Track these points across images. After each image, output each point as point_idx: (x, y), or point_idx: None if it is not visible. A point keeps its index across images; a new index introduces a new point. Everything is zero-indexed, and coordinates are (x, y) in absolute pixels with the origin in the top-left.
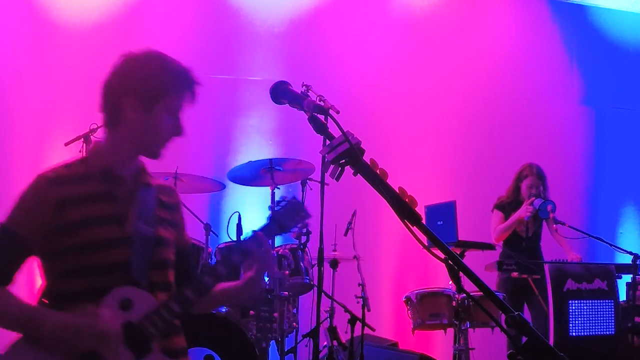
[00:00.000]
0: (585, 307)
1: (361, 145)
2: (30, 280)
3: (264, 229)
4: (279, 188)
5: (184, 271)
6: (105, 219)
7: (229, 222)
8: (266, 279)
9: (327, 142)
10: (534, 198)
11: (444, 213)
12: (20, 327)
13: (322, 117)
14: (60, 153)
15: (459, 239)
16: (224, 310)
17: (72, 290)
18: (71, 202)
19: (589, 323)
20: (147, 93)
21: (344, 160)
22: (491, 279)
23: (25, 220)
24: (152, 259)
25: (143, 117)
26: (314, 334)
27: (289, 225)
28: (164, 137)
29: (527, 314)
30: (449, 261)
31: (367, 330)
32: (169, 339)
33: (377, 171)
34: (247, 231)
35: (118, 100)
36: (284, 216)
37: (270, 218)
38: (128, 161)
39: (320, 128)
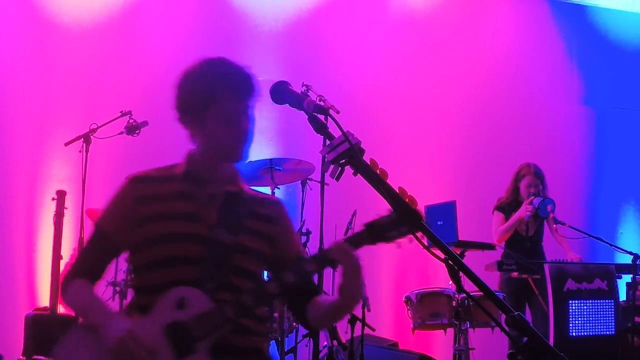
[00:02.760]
0: (585, 307)
1: (361, 145)
2: (31, 289)
3: (351, 238)
4: (279, 188)
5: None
6: (180, 215)
7: None
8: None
9: (327, 142)
10: (533, 197)
11: (444, 213)
12: (83, 317)
13: (322, 117)
14: (61, 153)
15: (459, 239)
16: None
17: (147, 283)
18: (151, 198)
19: (589, 323)
20: (192, 109)
21: (344, 160)
22: (491, 279)
23: (110, 218)
24: (227, 264)
25: (199, 129)
26: (314, 334)
27: (392, 236)
28: (228, 143)
29: (528, 314)
30: (449, 261)
31: (367, 330)
32: (228, 337)
33: (377, 171)
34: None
35: (180, 115)
36: (388, 225)
37: (367, 226)
38: (210, 167)
39: (320, 128)
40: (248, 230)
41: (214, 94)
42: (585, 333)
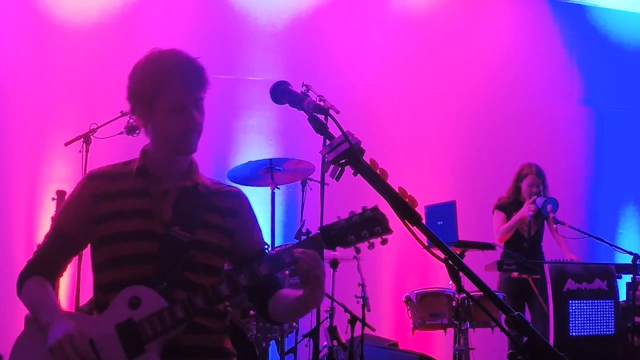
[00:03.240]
0: (585, 307)
1: (361, 145)
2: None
3: (305, 242)
4: (279, 188)
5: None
6: (135, 212)
7: None
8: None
9: (327, 142)
10: (535, 197)
11: (444, 213)
12: (33, 314)
13: (322, 117)
14: (60, 153)
15: (459, 239)
16: None
17: (104, 281)
18: (106, 196)
19: (589, 323)
20: (142, 99)
21: (344, 160)
22: (491, 279)
23: (67, 215)
24: (183, 261)
25: (150, 121)
26: (314, 334)
27: (350, 241)
28: (177, 134)
29: (528, 314)
30: (449, 261)
31: (367, 330)
32: (181, 337)
33: (377, 171)
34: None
35: (131, 107)
36: (346, 229)
37: (321, 230)
38: (164, 161)
39: (320, 128)
40: (205, 225)
41: (163, 86)
42: (585, 333)
